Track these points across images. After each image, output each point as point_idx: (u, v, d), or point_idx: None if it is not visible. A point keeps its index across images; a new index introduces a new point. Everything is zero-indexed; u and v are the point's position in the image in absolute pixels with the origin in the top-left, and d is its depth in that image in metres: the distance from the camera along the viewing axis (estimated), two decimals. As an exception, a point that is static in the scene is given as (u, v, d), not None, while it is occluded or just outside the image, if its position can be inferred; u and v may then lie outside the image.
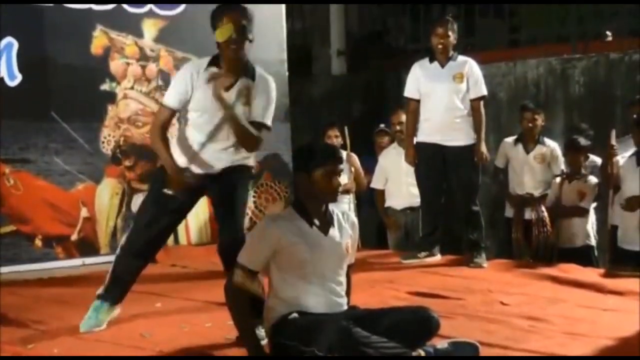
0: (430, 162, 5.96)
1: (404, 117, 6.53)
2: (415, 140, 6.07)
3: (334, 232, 3.48)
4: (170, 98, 4.15)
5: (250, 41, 4.11)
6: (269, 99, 4.10)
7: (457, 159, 5.88)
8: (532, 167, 6.47)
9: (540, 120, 6.51)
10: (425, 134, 5.97)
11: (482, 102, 5.95)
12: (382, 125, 7.37)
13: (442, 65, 5.90)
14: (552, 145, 6.54)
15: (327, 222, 3.47)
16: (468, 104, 5.91)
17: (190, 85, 4.08)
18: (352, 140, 6.88)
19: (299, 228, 3.40)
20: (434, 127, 5.91)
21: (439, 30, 5.89)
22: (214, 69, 4.06)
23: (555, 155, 6.47)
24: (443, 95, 5.87)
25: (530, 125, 6.46)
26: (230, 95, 3.98)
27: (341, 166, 3.46)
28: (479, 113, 5.91)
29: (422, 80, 5.94)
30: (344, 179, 6.26)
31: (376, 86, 9.09)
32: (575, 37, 7.91)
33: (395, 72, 8.33)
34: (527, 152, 6.48)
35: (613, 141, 5.80)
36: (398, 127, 6.79)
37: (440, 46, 5.85)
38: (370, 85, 9.23)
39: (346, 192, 6.69)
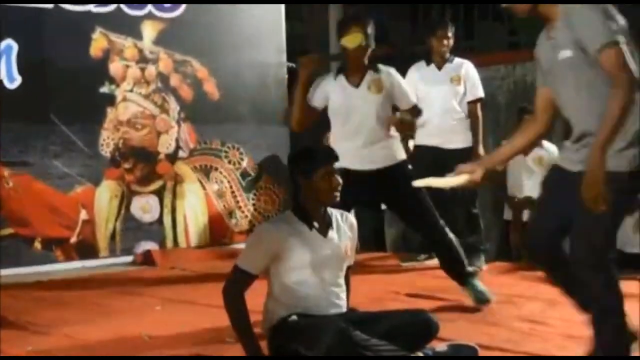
0: (429, 165, 5.95)
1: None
2: (413, 143, 6.09)
3: (333, 234, 3.47)
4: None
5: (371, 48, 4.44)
6: (400, 82, 4.55)
7: (456, 162, 5.87)
8: (530, 170, 6.47)
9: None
10: (423, 136, 5.98)
11: (479, 105, 5.96)
12: None
13: (439, 68, 5.92)
14: (551, 149, 6.54)
15: (326, 224, 3.47)
16: (465, 106, 5.92)
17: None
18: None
19: (298, 231, 3.40)
20: (432, 130, 5.92)
21: (439, 32, 5.91)
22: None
23: (553, 158, 6.47)
24: (440, 98, 5.87)
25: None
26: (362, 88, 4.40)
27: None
28: (476, 115, 5.92)
29: (419, 83, 5.95)
30: None
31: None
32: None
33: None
34: (525, 155, 6.48)
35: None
36: None
37: (443, 48, 5.87)
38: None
39: None
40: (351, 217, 3.65)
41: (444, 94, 5.88)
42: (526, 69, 7.83)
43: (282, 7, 7.76)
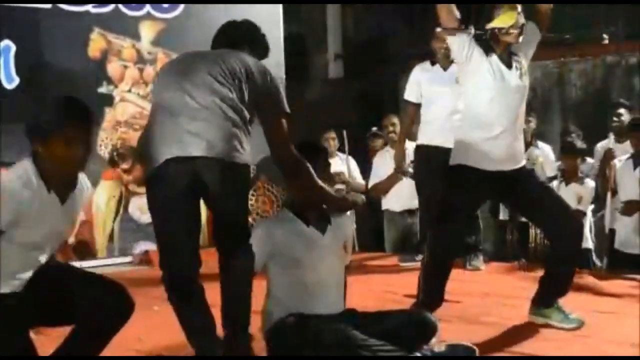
0: (431, 165, 5.95)
1: (395, 120, 6.64)
2: (416, 143, 6.11)
3: (330, 231, 3.46)
4: None
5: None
6: None
7: None
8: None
9: (532, 123, 6.52)
10: (427, 137, 5.98)
11: None
12: (374, 129, 7.38)
13: (445, 69, 5.91)
14: (545, 148, 6.55)
15: (324, 222, 3.46)
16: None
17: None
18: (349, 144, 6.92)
19: (295, 228, 3.40)
20: (437, 130, 5.90)
21: (440, 34, 5.91)
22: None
23: (549, 159, 6.48)
24: (446, 99, 5.86)
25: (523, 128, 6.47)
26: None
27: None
28: None
29: (424, 84, 5.95)
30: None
31: (373, 90, 9.10)
32: (572, 41, 7.92)
33: (392, 77, 8.34)
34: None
35: (611, 145, 5.81)
36: (391, 128, 6.81)
37: (443, 50, 5.86)
38: (367, 89, 9.23)
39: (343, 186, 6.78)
40: (348, 215, 3.63)
41: (449, 95, 5.86)
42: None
43: (280, 7, 7.75)
